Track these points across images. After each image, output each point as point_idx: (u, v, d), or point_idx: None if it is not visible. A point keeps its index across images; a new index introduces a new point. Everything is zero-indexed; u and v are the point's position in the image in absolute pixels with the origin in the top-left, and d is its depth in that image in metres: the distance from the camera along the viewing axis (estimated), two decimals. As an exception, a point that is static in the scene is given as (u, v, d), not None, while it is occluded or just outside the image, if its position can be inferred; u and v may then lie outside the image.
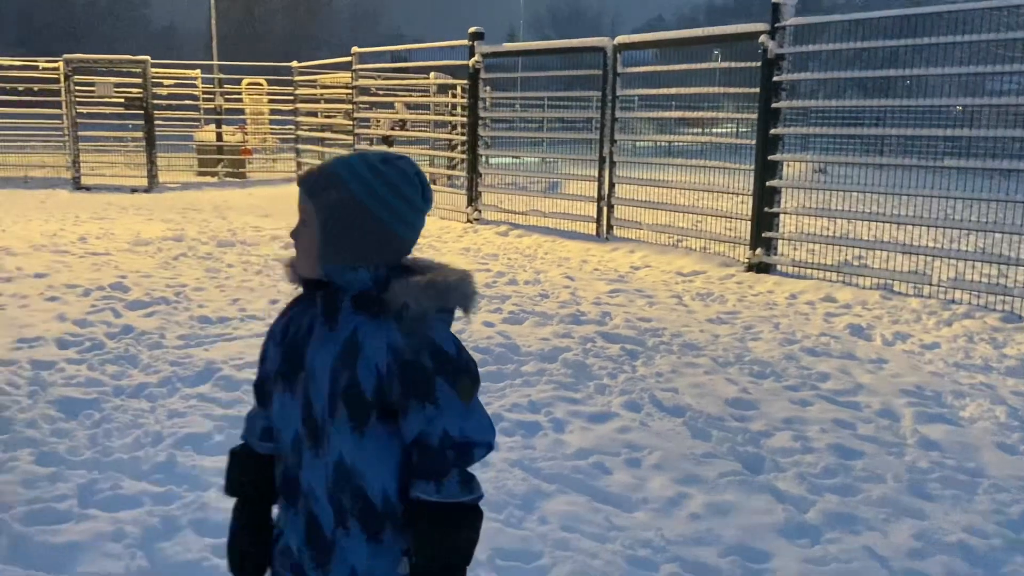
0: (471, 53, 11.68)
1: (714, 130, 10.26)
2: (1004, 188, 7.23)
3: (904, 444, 4.20)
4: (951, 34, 7.02)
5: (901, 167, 7.67)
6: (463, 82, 12.52)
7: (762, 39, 8.25)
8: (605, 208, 10.40)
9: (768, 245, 8.51)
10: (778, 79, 8.20)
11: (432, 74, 14.33)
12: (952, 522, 3.41)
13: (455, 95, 14.37)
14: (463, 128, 12.58)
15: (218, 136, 18.65)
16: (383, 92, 14.96)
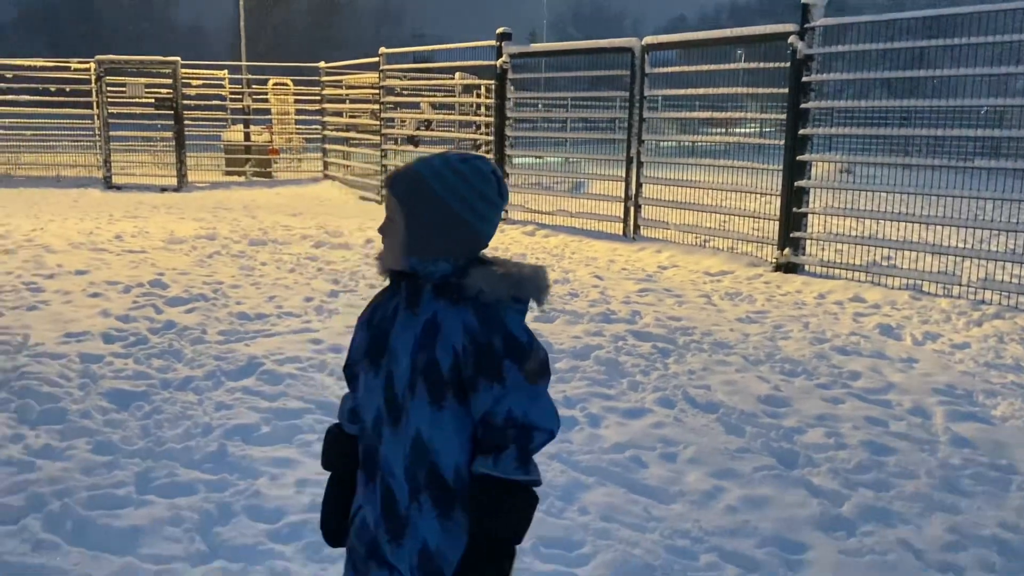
0: (498, 53, 11.73)
1: (737, 130, 10.29)
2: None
3: (936, 441, 4.25)
4: (978, 34, 7.05)
5: (930, 167, 7.70)
6: (488, 82, 12.60)
7: (791, 39, 8.29)
8: (632, 208, 10.47)
9: (796, 245, 8.54)
10: (807, 79, 8.24)
11: (457, 74, 14.44)
12: (986, 517, 3.47)
13: (479, 95, 14.47)
14: (487, 128, 12.66)
15: (246, 136, 18.87)
16: (408, 92, 15.10)
